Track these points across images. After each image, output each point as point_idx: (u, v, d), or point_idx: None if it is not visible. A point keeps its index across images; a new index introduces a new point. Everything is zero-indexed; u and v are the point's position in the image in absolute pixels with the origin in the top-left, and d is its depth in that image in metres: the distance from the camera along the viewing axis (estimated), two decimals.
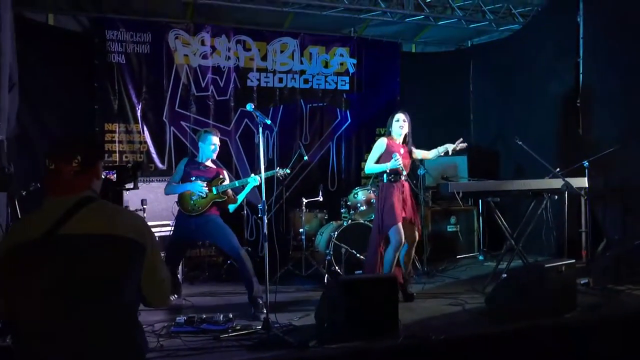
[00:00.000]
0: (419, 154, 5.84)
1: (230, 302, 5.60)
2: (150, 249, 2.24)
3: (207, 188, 5.36)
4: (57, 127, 6.94)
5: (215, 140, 5.51)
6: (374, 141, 5.93)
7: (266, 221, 4.49)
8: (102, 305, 2.08)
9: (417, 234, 5.56)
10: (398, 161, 5.35)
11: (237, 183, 5.46)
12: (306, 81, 8.28)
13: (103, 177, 5.33)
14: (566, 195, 5.53)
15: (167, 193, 5.55)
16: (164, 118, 7.51)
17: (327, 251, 6.37)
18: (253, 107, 4.61)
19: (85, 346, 2.05)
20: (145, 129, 7.44)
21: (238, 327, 4.55)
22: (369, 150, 5.86)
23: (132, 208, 6.14)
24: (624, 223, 7.09)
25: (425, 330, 4.47)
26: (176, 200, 5.51)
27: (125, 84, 7.32)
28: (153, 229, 6.03)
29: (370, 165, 5.58)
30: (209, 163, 5.58)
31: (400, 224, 5.37)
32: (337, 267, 6.30)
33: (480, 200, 8.08)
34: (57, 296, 2.04)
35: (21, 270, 2.06)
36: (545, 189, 5.68)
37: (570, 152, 7.23)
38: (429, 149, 5.82)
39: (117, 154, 7.32)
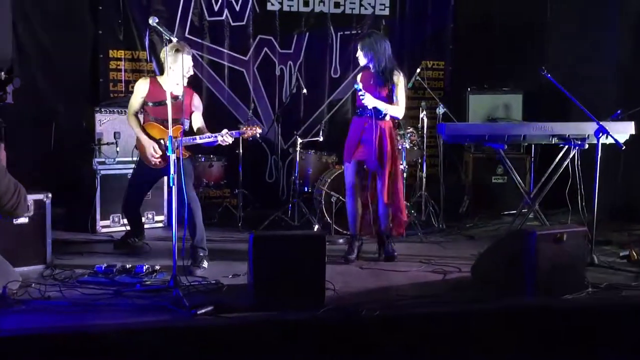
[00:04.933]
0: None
1: None
2: None
3: (159, 157, 4.63)
4: (59, 53, 6.55)
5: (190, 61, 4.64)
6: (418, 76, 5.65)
7: (173, 158, 3.72)
8: None
9: (383, 189, 4.60)
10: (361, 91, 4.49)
11: (197, 139, 4.61)
12: (337, 5, 7.21)
13: None
14: (599, 143, 4.26)
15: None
16: None
17: (319, 199, 5.55)
18: (157, 20, 3.81)
19: None
20: (152, 57, 6.86)
21: (148, 283, 3.93)
22: None
23: (104, 141, 5.65)
24: None
25: (364, 303, 3.60)
26: (135, 144, 4.92)
27: (132, 7, 6.71)
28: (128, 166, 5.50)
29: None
30: (176, 88, 4.57)
31: (349, 164, 4.61)
32: (327, 217, 5.48)
33: (532, 148, 6.81)
34: None
35: None
36: (573, 134, 4.41)
37: None
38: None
39: (123, 84, 6.79)
